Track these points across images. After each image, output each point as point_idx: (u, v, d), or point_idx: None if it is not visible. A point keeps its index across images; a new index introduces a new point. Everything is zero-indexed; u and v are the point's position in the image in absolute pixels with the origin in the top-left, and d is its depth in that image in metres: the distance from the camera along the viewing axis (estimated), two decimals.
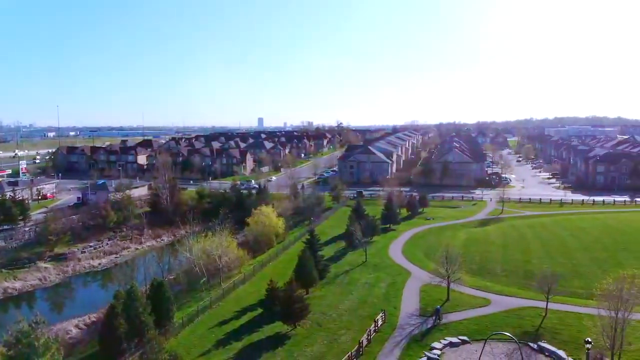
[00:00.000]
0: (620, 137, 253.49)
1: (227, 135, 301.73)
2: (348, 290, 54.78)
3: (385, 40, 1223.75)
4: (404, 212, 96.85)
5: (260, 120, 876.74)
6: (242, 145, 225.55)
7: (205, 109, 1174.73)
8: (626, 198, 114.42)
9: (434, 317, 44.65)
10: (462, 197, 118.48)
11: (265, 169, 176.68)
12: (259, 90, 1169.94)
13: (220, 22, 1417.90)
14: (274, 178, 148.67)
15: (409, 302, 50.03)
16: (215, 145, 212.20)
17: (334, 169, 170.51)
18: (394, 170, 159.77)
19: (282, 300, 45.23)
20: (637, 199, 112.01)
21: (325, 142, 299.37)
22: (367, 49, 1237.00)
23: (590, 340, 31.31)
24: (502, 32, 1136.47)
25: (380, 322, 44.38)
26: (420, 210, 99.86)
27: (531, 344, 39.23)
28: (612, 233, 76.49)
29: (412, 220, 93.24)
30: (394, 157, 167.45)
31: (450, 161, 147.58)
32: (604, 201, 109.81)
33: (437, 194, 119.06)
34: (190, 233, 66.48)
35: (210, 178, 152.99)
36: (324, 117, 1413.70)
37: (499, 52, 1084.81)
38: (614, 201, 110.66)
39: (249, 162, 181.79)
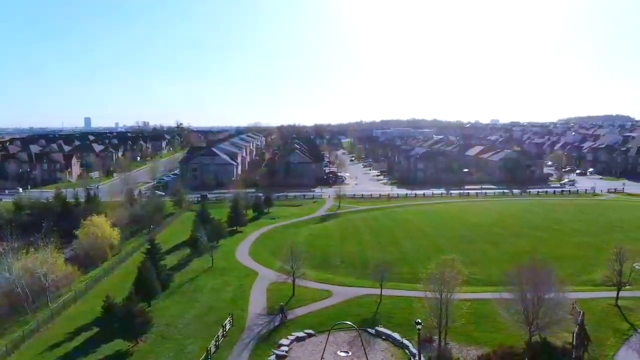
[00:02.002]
0: (436, 137, 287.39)
1: (48, 137, 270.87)
2: (194, 298, 53.21)
3: (225, 41, 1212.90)
4: (250, 213, 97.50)
5: (88, 120, 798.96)
6: (67, 148, 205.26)
7: (20, 108, 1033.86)
8: (442, 191, 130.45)
9: (280, 315, 45.69)
10: (304, 195, 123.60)
11: (95, 174, 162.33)
12: (86, 88, 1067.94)
13: (35, 11, 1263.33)
14: (99, 185, 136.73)
15: (257, 303, 50.46)
16: (35, 149, 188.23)
17: (175, 172, 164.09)
18: (239, 172, 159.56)
19: (121, 316, 42.12)
20: (452, 191, 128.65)
21: (164, 143, 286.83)
22: (206, 47, 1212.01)
23: (420, 321, 34.69)
24: (332, 41, 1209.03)
25: (228, 327, 43.98)
26: (266, 210, 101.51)
27: (370, 330, 42.45)
28: (432, 222, 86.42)
29: (259, 220, 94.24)
30: (239, 159, 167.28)
31: (292, 162, 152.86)
32: (424, 194, 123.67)
33: (281, 194, 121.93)
34: (8, 250, 58.08)
35: (29, 186, 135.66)
36: (161, 117, 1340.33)
37: (332, 61, 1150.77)
38: (432, 194, 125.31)
39: (75, 167, 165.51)
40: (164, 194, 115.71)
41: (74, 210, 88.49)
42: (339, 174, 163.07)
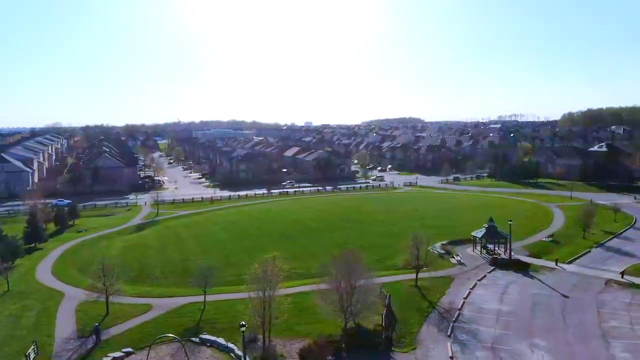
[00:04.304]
0: (256, 139, 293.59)
1: None
2: None
3: (14, 25, 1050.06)
4: (51, 227, 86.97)
5: None
6: None
7: None
8: (264, 191, 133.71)
9: (93, 337, 41.75)
10: (116, 203, 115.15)
11: None
12: None
13: None
14: None
15: (65, 326, 45.17)
16: None
17: None
18: (36, 180, 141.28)
19: None
20: (273, 191, 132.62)
21: None
22: None
23: (244, 323, 34.93)
24: (144, 38, 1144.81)
25: (32, 356, 38.58)
26: (70, 222, 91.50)
27: (193, 339, 41.27)
28: (255, 222, 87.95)
29: (62, 235, 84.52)
30: (35, 165, 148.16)
31: (101, 166, 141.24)
32: (247, 195, 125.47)
33: (88, 203, 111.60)
34: None
35: None
36: None
37: (143, 57, 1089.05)
38: (255, 194, 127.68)
39: None
40: None
41: None
42: (156, 178, 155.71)
